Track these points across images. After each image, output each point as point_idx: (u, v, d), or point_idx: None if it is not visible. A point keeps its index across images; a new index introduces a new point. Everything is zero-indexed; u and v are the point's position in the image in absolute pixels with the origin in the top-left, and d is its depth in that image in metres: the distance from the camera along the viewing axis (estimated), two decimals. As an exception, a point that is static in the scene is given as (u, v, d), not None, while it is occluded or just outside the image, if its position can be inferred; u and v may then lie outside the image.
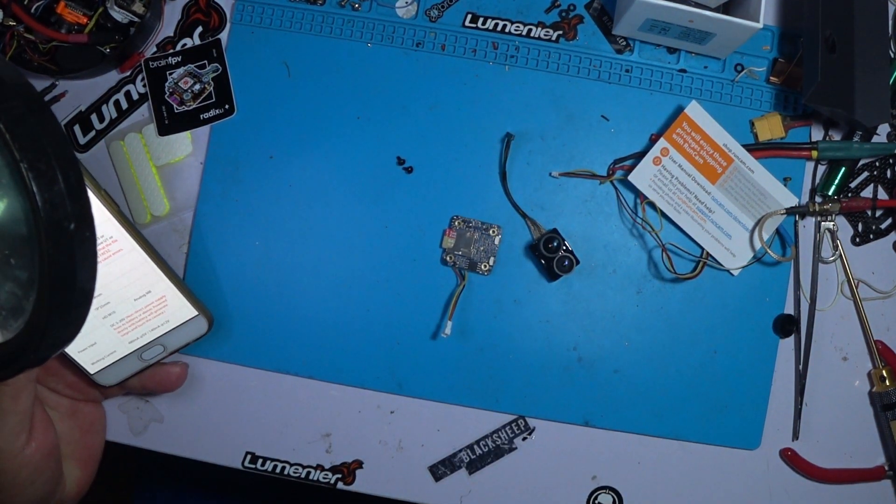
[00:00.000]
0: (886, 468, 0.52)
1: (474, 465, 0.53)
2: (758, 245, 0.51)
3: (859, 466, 0.52)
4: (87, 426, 0.50)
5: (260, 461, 0.54)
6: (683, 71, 0.53)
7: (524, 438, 0.53)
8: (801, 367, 0.52)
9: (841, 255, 0.53)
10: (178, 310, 0.49)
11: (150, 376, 0.50)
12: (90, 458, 0.49)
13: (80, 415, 0.49)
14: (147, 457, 0.60)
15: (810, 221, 0.53)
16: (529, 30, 0.54)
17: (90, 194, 0.43)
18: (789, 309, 0.53)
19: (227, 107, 0.54)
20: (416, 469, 0.53)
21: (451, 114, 0.54)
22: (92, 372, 0.48)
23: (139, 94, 0.55)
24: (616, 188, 0.53)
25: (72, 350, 0.47)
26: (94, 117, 0.55)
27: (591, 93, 0.54)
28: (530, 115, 0.54)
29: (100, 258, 0.46)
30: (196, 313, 0.49)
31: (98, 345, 0.48)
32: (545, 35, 0.54)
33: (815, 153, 0.52)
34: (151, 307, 0.48)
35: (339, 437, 0.54)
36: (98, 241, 0.44)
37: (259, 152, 0.54)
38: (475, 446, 0.53)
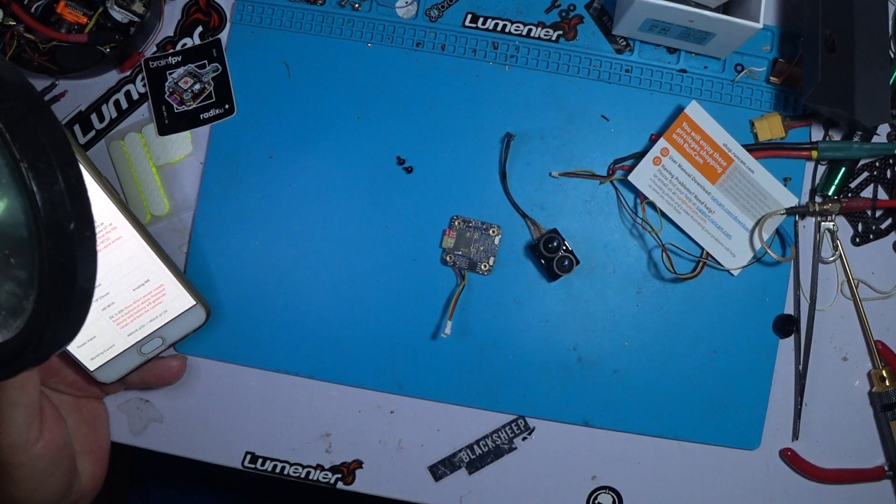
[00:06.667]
0: (886, 468, 0.52)
1: (474, 465, 0.53)
2: (758, 245, 0.51)
3: (859, 466, 0.52)
4: (92, 420, 0.50)
5: (260, 461, 0.54)
6: (683, 71, 0.53)
7: (524, 438, 0.53)
8: (800, 367, 0.52)
9: (841, 255, 0.53)
10: (176, 299, 0.49)
11: (149, 370, 0.50)
12: (100, 451, 0.50)
13: (84, 410, 0.49)
14: (144, 456, 0.60)
15: (810, 221, 0.53)
16: (529, 30, 0.54)
17: (90, 180, 0.43)
18: (789, 309, 0.53)
19: (227, 107, 0.54)
20: (416, 469, 0.53)
21: (451, 114, 0.54)
22: (91, 368, 0.48)
23: (139, 93, 0.55)
24: (616, 188, 0.53)
25: (71, 345, 0.46)
26: (94, 117, 0.55)
27: (591, 93, 0.54)
28: (530, 115, 0.54)
29: (99, 246, 0.45)
30: (194, 303, 0.49)
31: (97, 338, 0.47)
32: (545, 35, 0.54)
33: (815, 153, 0.52)
34: (150, 297, 0.48)
35: (339, 436, 0.54)
36: (98, 229, 0.44)
37: (259, 152, 0.54)
38: (475, 446, 0.53)
